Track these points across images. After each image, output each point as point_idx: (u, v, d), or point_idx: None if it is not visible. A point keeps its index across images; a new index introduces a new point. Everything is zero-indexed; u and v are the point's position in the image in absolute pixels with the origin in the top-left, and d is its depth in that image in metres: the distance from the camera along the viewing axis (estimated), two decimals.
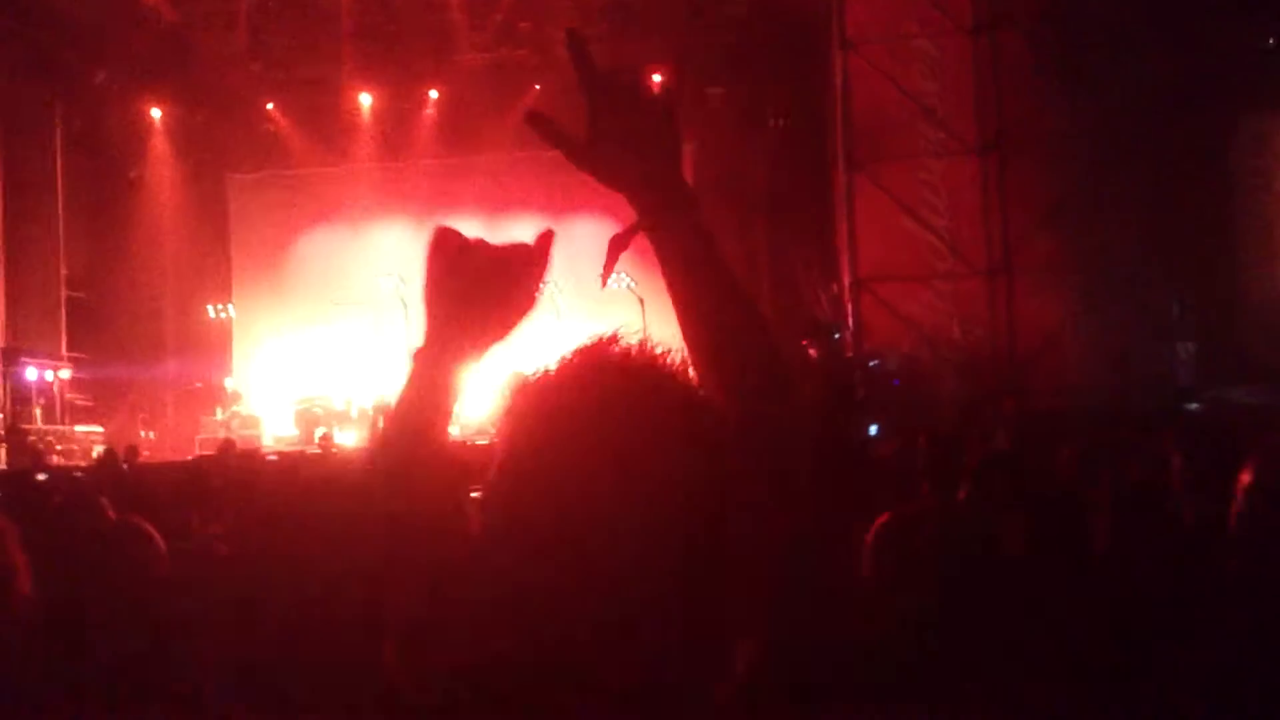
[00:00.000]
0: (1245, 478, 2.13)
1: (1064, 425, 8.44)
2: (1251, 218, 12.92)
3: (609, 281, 1.67)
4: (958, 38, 12.30)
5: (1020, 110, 12.12)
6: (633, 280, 14.62)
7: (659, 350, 1.18)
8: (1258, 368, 12.81)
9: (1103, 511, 3.75)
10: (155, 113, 17.30)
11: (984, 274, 12.53)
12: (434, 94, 16.00)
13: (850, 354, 13.15)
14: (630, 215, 1.49)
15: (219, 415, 16.00)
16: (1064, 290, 12.19)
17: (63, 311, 16.92)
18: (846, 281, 13.15)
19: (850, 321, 13.09)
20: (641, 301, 14.54)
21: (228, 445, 11.09)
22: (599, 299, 14.74)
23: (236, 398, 16.35)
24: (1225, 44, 12.63)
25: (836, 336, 13.63)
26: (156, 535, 3.36)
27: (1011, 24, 12.08)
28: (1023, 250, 12.41)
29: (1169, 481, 3.43)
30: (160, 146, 17.47)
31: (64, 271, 16.94)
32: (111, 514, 3.79)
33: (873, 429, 11.50)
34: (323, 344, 16.63)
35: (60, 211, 16.67)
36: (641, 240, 1.41)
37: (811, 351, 13.73)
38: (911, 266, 12.73)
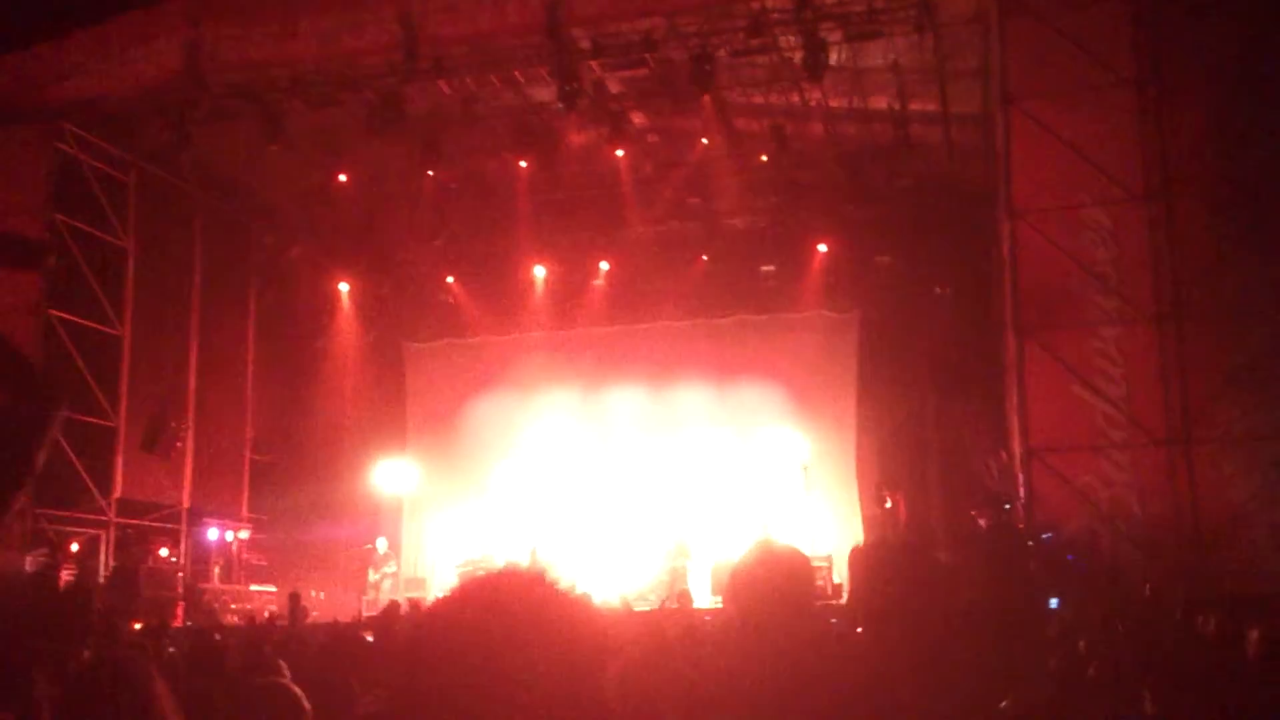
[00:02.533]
0: None
1: (1253, 610, 8.56)
2: None
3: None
4: (1130, 204, 12.76)
5: (1198, 275, 12.43)
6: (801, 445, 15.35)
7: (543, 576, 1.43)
8: None
9: None
10: (343, 286, 19.17)
11: (1163, 444, 12.57)
12: (605, 265, 17.37)
13: (1022, 526, 13.27)
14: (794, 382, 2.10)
15: (371, 576, 16.89)
16: (1250, 461, 12.18)
17: (246, 474, 18.52)
18: (1018, 451, 13.35)
19: (1022, 492, 13.25)
20: (805, 466, 15.23)
21: (393, 608, 11.15)
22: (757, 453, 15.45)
23: (388, 559, 17.25)
24: None
25: (1008, 507, 13.80)
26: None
27: (1186, 188, 12.50)
28: (1203, 419, 12.45)
29: None
30: (345, 317, 19.30)
31: (249, 435, 18.63)
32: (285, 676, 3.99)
33: (1053, 602, 11.65)
34: (490, 506, 17.66)
35: (250, 379, 18.49)
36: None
37: (981, 522, 14.03)
38: (1085, 436, 12.89)
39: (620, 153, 15.14)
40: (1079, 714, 4.00)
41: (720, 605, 13.07)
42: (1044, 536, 12.99)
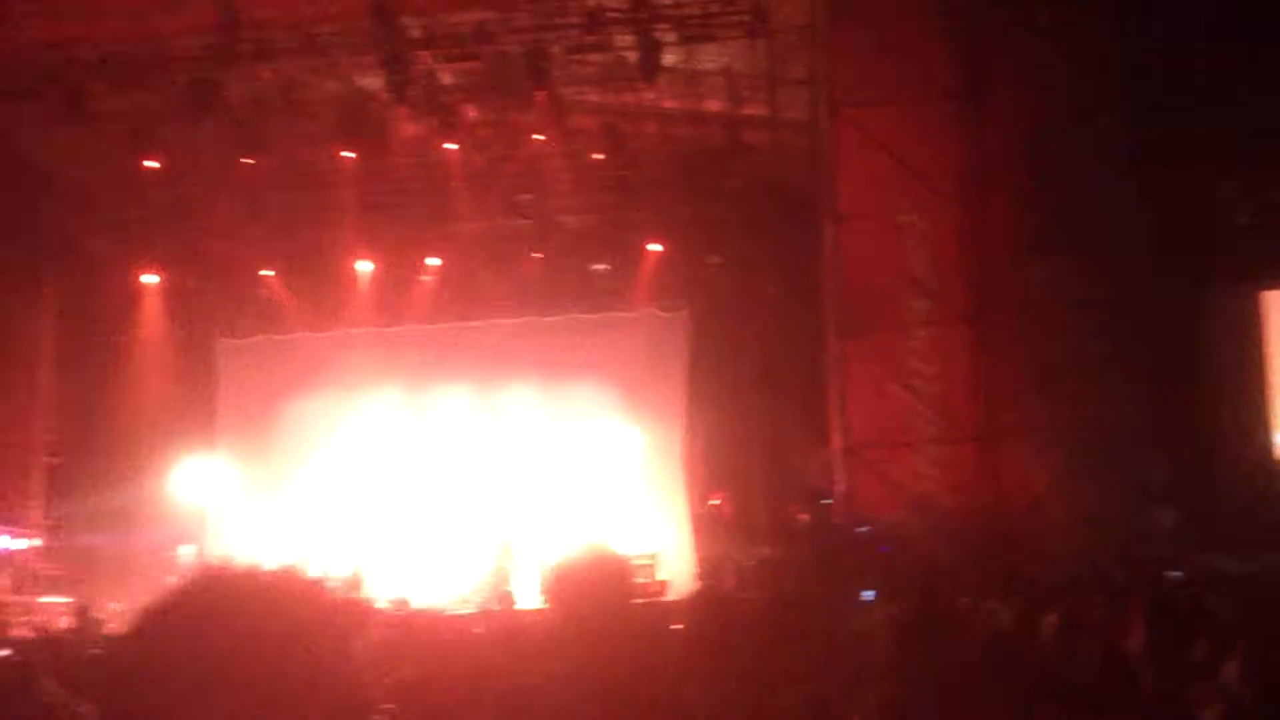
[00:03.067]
0: (1230, 670, 2.32)
1: (1048, 592, 9.23)
2: (1230, 387, 14.08)
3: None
4: (944, 210, 13.51)
5: (1005, 277, 13.25)
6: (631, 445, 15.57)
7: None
8: (1237, 534, 13.75)
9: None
10: (150, 278, 18.38)
11: (972, 440, 13.35)
12: (433, 261, 17.23)
13: (839, 520, 13.85)
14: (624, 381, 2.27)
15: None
16: (1049, 456, 13.04)
17: (38, 477, 17.52)
18: (837, 448, 13.92)
19: (841, 487, 13.83)
20: (635, 465, 15.51)
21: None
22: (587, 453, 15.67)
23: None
24: (1203, 219, 14.12)
25: (827, 503, 14.37)
26: None
27: (997, 194, 13.31)
28: (1009, 416, 13.28)
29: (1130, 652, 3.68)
30: (152, 311, 18.49)
31: (42, 435, 17.64)
32: (53, 695, 3.92)
33: (867, 594, 12.22)
34: (305, 509, 17.23)
35: (43, 375, 17.50)
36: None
37: (802, 517, 14.58)
38: (901, 433, 13.58)
39: (451, 146, 15.09)
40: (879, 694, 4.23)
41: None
42: (860, 529, 13.61)
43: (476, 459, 16.23)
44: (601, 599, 2.70)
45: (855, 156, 13.27)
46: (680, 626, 4.99)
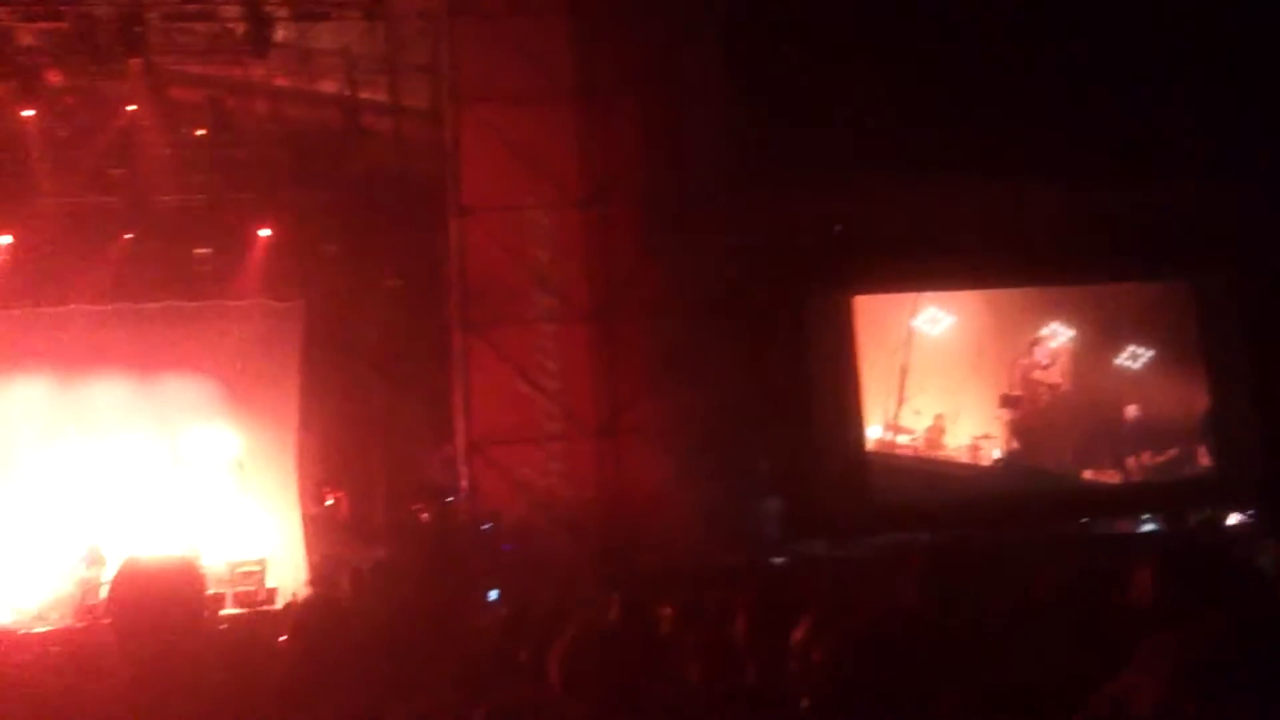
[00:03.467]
0: (797, 635, 2.33)
1: (665, 583, 9.48)
2: (824, 383, 15.12)
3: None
4: (569, 209, 13.63)
5: (627, 275, 13.57)
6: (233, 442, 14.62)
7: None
8: (835, 521, 14.86)
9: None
10: None
11: (594, 435, 13.59)
12: (4, 239, 15.31)
13: (463, 518, 13.69)
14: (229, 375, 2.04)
15: None
16: (665, 450, 13.51)
17: None
18: (461, 444, 13.75)
19: (464, 485, 13.67)
20: (240, 465, 14.56)
21: None
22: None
23: None
24: (802, 227, 14.99)
25: (450, 500, 14.16)
26: None
27: (618, 194, 13.55)
28: (629, 412, 13.64)
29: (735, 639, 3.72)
30: None
31: None
32: None
33: (492, 594, 12.12)
34: None
35: None
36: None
37: (423, 516, 14.27)
38: (525, 429, 13.62)
39: (30, 113, 13.46)
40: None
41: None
42: (484, 527, 13.52)
43: (57, 460, 14.61)
44: (161, 612, 2.55)
45: (479, 150, 13.09)
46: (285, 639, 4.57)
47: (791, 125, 14.03)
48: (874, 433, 15.50)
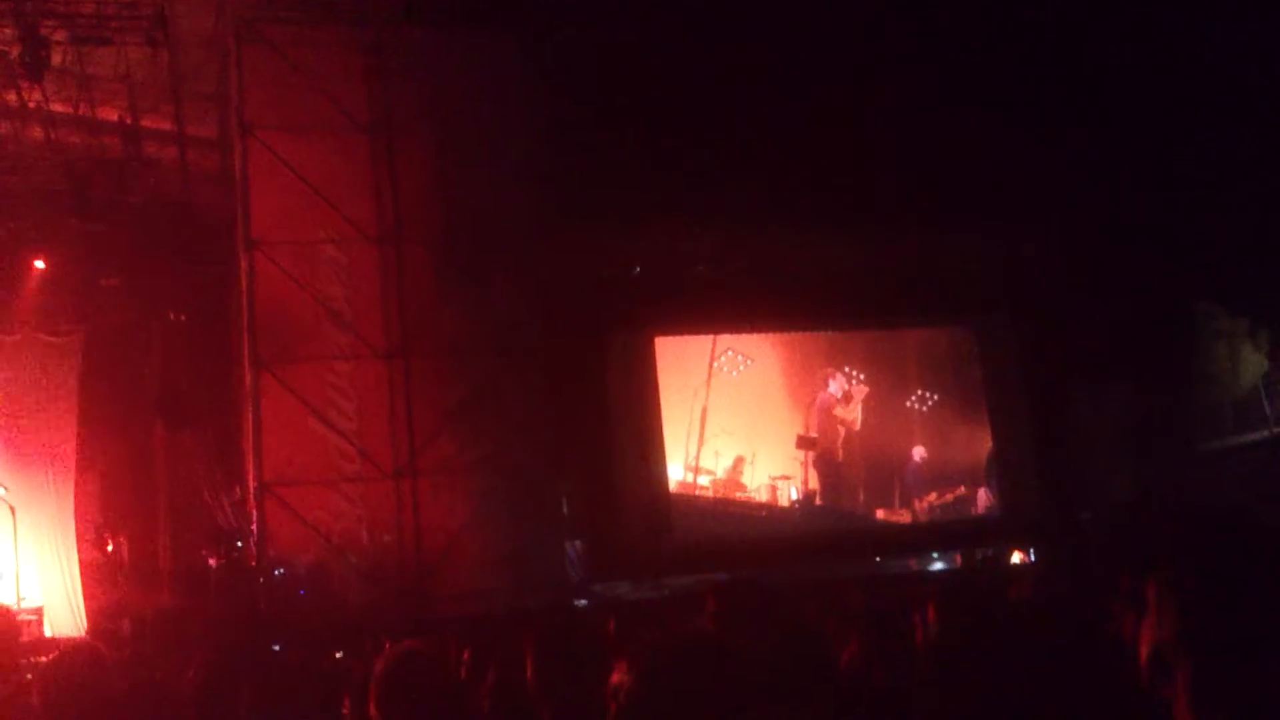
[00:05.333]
0: (616, 678, 2.20)
1: (464, 628, 9.33)
2: (625, 425, 15.25)
3: None
4: (364, 245, 13.40)
5: (423, 314, 13.38)
6: (3, 486, 13.84)
7: None
8: (637, 562, 14.94)
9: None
10: None
11: (391, 477, 13.30)
12: None
13: (254, 563, 13.24)
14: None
15: None
16: (464, 492, 13.32)
17: None
18: (251, 485, 13.30)
19: (255, 528, 13.22)
20: (13, 510, 13.79)
21: None
22: None
23: None
24: (601, 268, 15.16)
25: (239, 544, 13.69)
26: None
27: (414, 231, 13.42)
28: (427, 453, 13.39)
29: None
30: None
31: None
32: None
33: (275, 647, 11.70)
34: None
35: None
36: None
37: (211, 561, 13.76)
38: (319, 470, 13.21)
39: None
40: None
41: None
42: (276, 573, 13.08)
43: None
44: None
45: (269, 181, 12.78)
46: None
47: (590, 168, 14.21)
48: (675, 473, 15.70)
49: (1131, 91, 15.18)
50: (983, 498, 17.03)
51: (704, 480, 15.88)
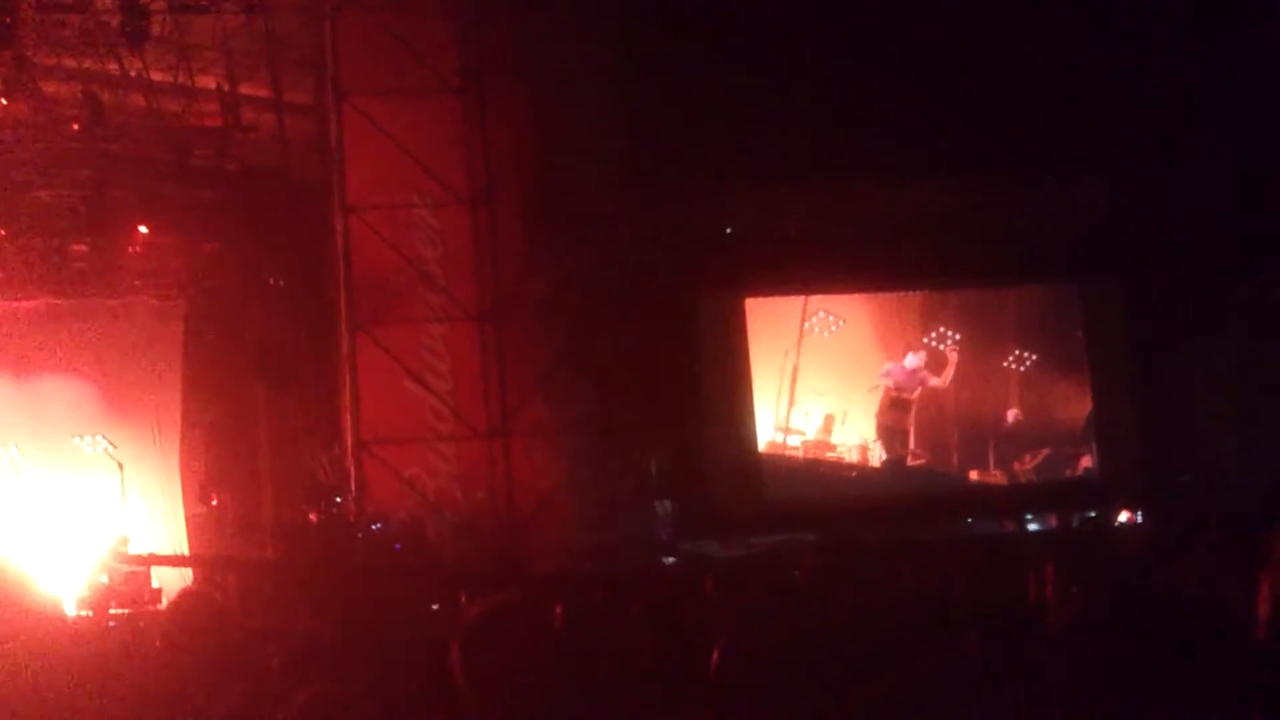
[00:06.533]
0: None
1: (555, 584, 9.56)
2: (715, 385, 15.32)
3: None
4: (455, 207, 13.61)
5: (516, 276, 13.57)
6: (112, 444, 14.43)
7: None
8: (726, 522, 15.06)
9: None
10: None
11: (484, 436, 13.59)
12: None
13: (352, 518, 13.64)
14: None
15: None
16: (555, 452, 13.55)
17: None
18: (349, 444, 13.69)
19: (353, 485, 13.61)
20: (121, 466, 14.38)
21: None
22: (68, 458, 14.39)
23: None
24: (694, 229, 15.18)
25: (338, 500, 14.11)
26: None
27: (506, 192, 13.57)
28: (519, 414, 13.65)
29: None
30: None
31: None
32: None
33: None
34: None
35: None
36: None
37: (311, 516, 14.21)
38: (414, 429, 13.57)
39: None
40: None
41: None
42: (373, 527, 13.49)
43: None
44: None
45: (363, 146, 13.03)
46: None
47: (684, 125, 14.19)
48: (765, 434, 15.76)
49: (1233, 49, 14.66)
50: (1082, 460, 16.78)
51: (794, 440, 15.92)
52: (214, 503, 14.95)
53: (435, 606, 10.06)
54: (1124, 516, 16.16)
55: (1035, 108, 14.71)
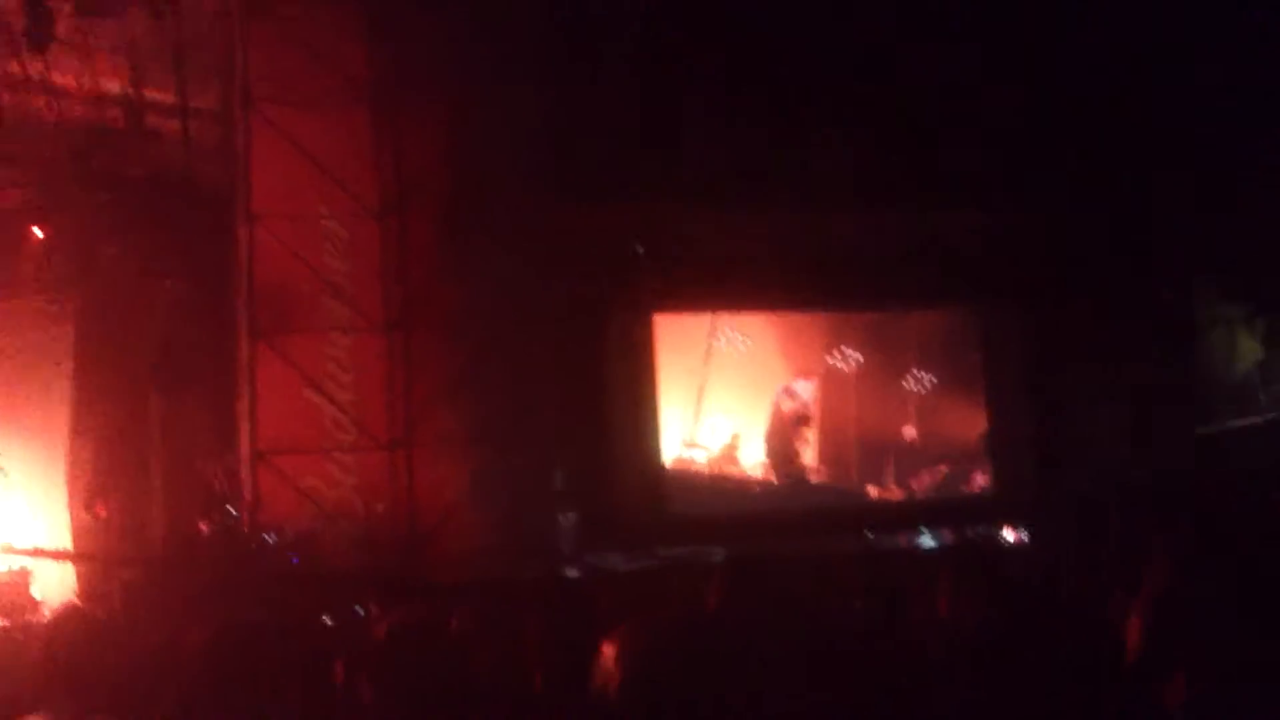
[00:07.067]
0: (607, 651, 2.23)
1: (457, 596, 9.59)
2: (622, 400, 15.47)
3: None
4: (365, 219, 13.57)
5: (425, 286, 13.55)
6: None
7: None
8: (630, 534, 15.21)
9: None
10: None
11: (386, 447, 13.55)
12: None
13: (246, 529, 13.48)
14: None
15: None
16: (459, 464, 13.57)
17: None
18: (245, 453, 13.54)
19: (248, 495, 13.46)
20: (3, 470, 14.02)
21: None
22: None
23: None
24: (604, 245, 15.32)
25: (232, 511, 13.93)
26: None
27: (417, 202, 13.56)
28: (423, 425, 13.64)
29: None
30: None
31: None
32: None
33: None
34: None
35: None
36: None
37: (203, 526, 14.01)
38: (314, 439, 13.46)
39: None
40: None
41: None
42: (268, 538, 13.35)
43: None
44: None
45: (271, 154, 12.92)
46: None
47: (596, 145, 14.34)
48: (671, 449, 15.94)
49: (1136, 75, 15.30)
50: (977, 477, 17.28)
51: (700, 456, 16.13)
52: (101, 512, 14.63)
53: (328, 620, 10.04)
54: (1010, 534, 16.67)
55: (938, 138, 15.18)
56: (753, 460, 16.35)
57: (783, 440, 16.46)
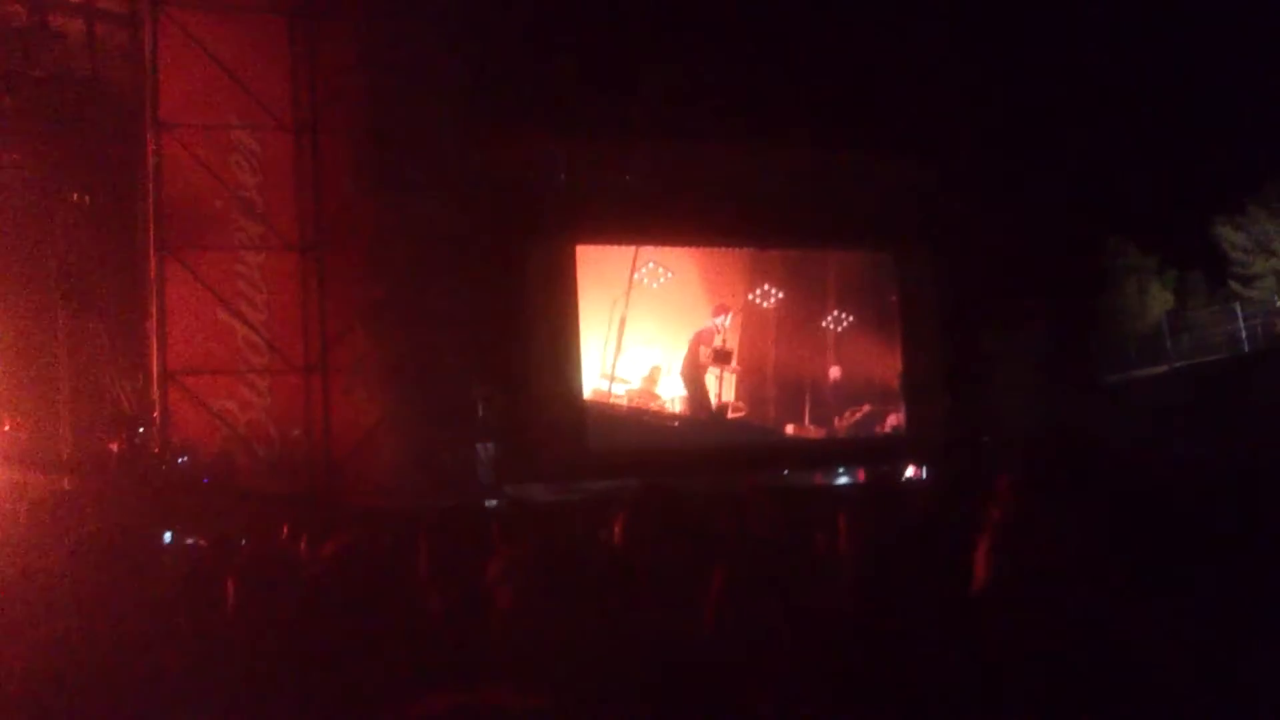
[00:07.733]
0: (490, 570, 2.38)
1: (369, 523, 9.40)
2: (543, 331, 15.30)
3: None
4: (279, 135, 13.15)
5: (340, 208, 13.22)
6: None
7: None
8: (550, 467, 15.12)
9: None
10: None
11: (300, 371, 13.26)
12: None
13: (157, 450, 13.15)
14: None
15: None
16: (377, 390, 13.31)
17: None
18: (155, 372, 13.19)
19: (157, 415, 13.13)
20: None
21: None
22: None
23: None
24: (527, 173, 15.07)
25: (141, 431, 13.58)
26: None
27: (333, 122, 13.17)
28: (339, 349, 13.35)
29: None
30: None
31: None
32: None
33: (167, 536, 11.67)
34: None
35: None
36: None
37: (112, 446, 13.63)
38: (226, 360, 13.14)
39: None
40: None
41: None
42: (179, 460, 13.04)
43: None
44: None
45: (181, 61, 12.47)
46: None
47: (522, 73, 14.08)
48: (591, 381, 15.83)
49: (1051, 28, 15.42)
50: (891, 418, 17.45)
51: (620, 389, 16.04)
52: (7, 429, 14.16)
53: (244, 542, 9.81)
54: (910, 472, 16.90)
55: (863, 82, 15.19)
56: (672, 394, 16.30)
57: (697, 376, 16.42)
